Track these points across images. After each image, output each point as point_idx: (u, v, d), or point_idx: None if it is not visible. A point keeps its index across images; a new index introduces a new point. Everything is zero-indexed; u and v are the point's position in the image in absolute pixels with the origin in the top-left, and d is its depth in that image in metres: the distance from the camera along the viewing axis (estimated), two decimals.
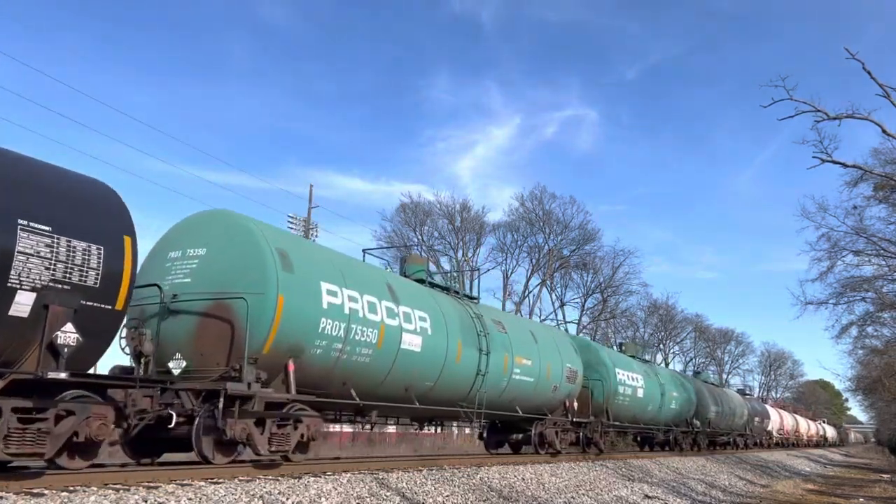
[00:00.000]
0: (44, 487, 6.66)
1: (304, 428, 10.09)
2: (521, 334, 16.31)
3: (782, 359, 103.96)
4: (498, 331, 15.02)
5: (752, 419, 41.52)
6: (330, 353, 10.17)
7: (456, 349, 13.08)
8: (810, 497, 21.33)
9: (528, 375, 15.90)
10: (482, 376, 13.98)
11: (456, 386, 13.36)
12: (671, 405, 26.35)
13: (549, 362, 16.89)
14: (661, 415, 25.52)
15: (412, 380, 12.11)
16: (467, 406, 13.95)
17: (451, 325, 13.16)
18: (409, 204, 47.95)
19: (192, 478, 8.13)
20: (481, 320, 14.43)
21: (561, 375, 17.51)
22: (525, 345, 16.16)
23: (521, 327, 17.12)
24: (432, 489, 10.31)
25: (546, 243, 49.75)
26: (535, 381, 16.25)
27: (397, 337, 11.45)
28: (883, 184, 21.54)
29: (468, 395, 13.90)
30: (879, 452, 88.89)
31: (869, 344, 34.05)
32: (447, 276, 40.66)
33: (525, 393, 16.00)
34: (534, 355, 16.29)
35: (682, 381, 29.48)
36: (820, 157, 15.26)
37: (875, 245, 25.88)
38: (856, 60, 14.39)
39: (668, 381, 26.84)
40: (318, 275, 10.19)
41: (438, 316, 12.91)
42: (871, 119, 14.88)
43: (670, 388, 26.56)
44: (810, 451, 59.90)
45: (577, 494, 13.16)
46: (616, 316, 56.62)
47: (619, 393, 21.10)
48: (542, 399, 16.90)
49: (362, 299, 10.80)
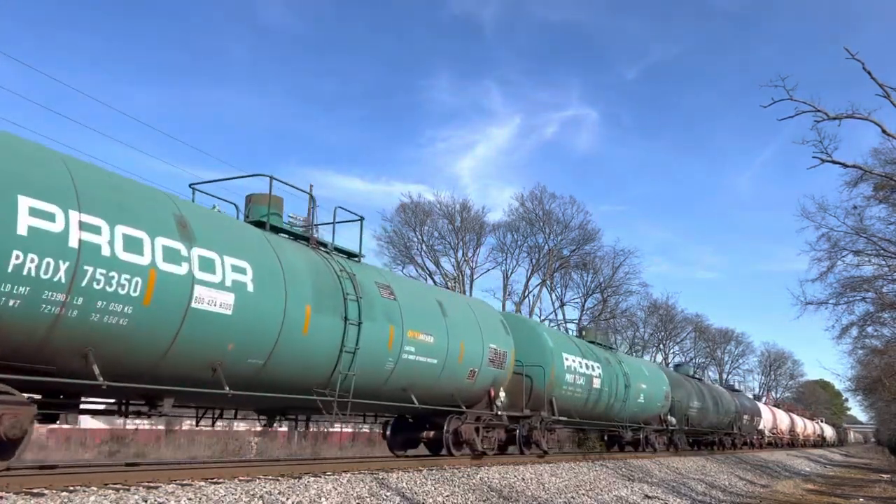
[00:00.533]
0: (44, 487, 6.66)
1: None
2: (419, 303, 12.97)
3: (782, 359, 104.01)
4: (382, 296, 11.76)
5: (740, 417, 38.83)
6: (40, 306, 6.75)
7: (302, 316, 9.75)
8: (810, 497, 21.32)
9: (430, 356, 12.59)
10: (349, 354, 10.62)
11: (305, 366, 10.05)
12: (639, 399, 23.37)
13: (462, 340, 13.62)
14: (627, 410, 22.63)
15: (221, 355, 8.71)
16: (328, 394, 10.62)
17: (293, 283, 9.71)
18: (409, 204, 47.93)
19: (192, 478, 8.14)
20: (353, 280, 11.06)
21: (481, 358, 14.23)
22: (426, 317, 12.81)
23: (422, 295, 13.73)
24: (432, 489, 10.31)
25: (546, 243, 49.74)
26: (441, 364, 12.98)
27: (184, 291, 8.07)
28: (883, 184, 21.55)
29: (330, 380, 10.60)
30: (879, 452, 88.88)
31: (869, 344, 34.07)
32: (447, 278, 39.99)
33: (425, 379, 12.70)
34: (439, 330, 12.97)
35: (655, 373, 26.35)
36: (820, 157, 15.28)
37: (875, 245, 25.90)
38: (856, 60, 14.41)
39: (636, 372, 23.74)
40: (15, 184, 6.71)
41: (271, 269, 9.42)
42: (871, 119, 14.89)
43: (638, 380, 23.40)
44: (810, 451, 59.86)
45: (577, 494, 13.16)
46: (616, 316, 56.58)
47: (567, 382, 17.96)
48: (454, 387, 13.68)
49: (112, 231, 7.39)
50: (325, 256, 11.15)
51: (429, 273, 47.20)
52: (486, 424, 14.85)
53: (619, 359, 23.10)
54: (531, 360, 16.75)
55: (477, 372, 14.15)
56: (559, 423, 18.17)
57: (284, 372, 9.81)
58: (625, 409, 22.32)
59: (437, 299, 13.84)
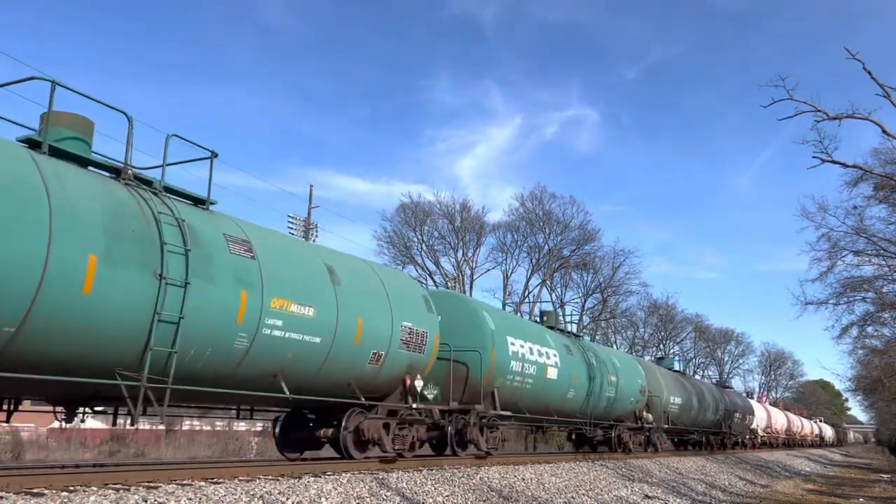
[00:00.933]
0: (44, 487, 6.66)
1: None
2: (293, 265, 10.14)
3: (782, 359, 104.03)
4: (232, 252, 8.98)
5: (730, 415, 36.01)
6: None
7: (82, 268, 7.04)
8: (810, 497, 21.31)
9: (309, 333, 9.86)
10: (170, 325, 7.89)
11: (89, 338, 7.29)
12: (608, 393, 20.69)
13: (360, 316, 10.92)
14: (593, 404, 19.85)
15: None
16: (137, 378, 7.80)
17: (68, 222, 6.99)
18: (409, 204, 47.91)
19: (192, 478, 8.14)
20: (181, 227, 8.28)
21: (390, 339, 11.58)
22: (303, 283, 10.04)
23: (301, 255, 10.68)
24: (432, 489, 10.31)
25: (546, 243, 49.73)
26: (327, 344, 10.23)
27: None
28: (883, 184, 21.55)
29: (142, 359, 7.80)
30: (879, 452, 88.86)
31: (869, 344, 34.09)
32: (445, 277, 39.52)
33: (303, 363, 9.98)
34: (323, 301, 10.22)
35: (629, 365, 23.70)
36: (820, 157, 15.26)
37: (875, 245, 25.91)
38: (856, 60, 14.39)
39: (606, 363, 21.13)
40: None
41: (29, 205, 6.73)
42: (871, 119, 14.88)
43: (607, 371, 20.81)
44: (810, 451, 59.83)
45: (577, 494, 13.16)
46: (616, 316, 56.62)
47: (512, 371, 15.30)
48: (350, 374, 10.99)
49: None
50: (141, 195, 8.23)
51: (429, 273, 47.22)
52: (403, 420, 12.24)
53: (583, 347, 20.38)
54: (466, 345, 14.17)
55: (384, 356, 11.46)
56: (502, 419, 15.37)
57: (54, 346, 7.05)
58: (590, 404, 19.59)
59: (327, 263, 10.89)
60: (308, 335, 9.97)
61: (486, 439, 14.71)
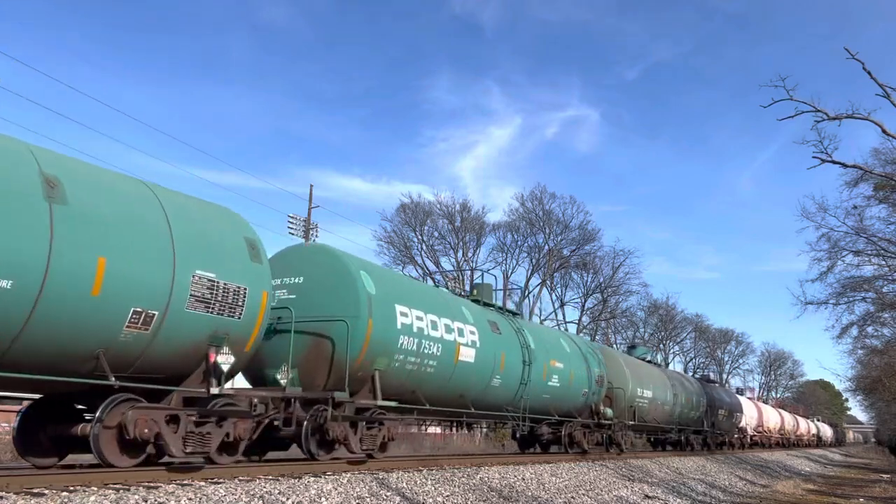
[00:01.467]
0: (44, 487, 6.66)
1: None
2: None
3: (782, 359, 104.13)
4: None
5: (714, 412, 32.56)
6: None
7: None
8: (810, 497, 21.32)
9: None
10: None
11: None
12: (551, 382, 17.07)
13: (104, 256, 7.36)
14: (529, 396, 16.01)
15: None
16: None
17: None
18: (410, 204, 47.97)
19: (192, 478, 8.14)
20: None
21: (169, 294, 8.03)
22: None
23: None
24: (432, 489, 10.31)
25: (546, 243, 49.78)
26: (31, 295, 6.71)
27: None
28: (883, 184, 21.58)
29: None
30: (879, 452, 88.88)
31: (869, 344, 34.11)
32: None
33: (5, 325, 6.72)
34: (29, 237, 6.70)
35: (581, 350, 19.69)
36: (820, 157, 15.27)
37: (875, 245, 25.92)
38: (856, 60, 14.40)
39: (548, 346, 17.34)
40: None
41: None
42: (871, 119, 14.89)
43: (549, 355, 17.08)
44: (810, 451, 59.81)
45: (577, 494, 13.16)
46: (616, 316, 56.64)
47: (402, 349, 11.64)
48: (90, 343, 7.46)
49: None
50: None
51: (429, 273, 47.23)
52: (203, 415, 8.69)
53: (519, 326, 16.55)
54: (331, 311, 10.94)
55: (155, 319, 7.93)
56: (385, 411, 11.68)
57: None
58: (523, 394, 15.67)
59: (45, 171, 7.15)
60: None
61: (362, 438, 11.26)
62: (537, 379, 16.45)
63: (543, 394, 17.06)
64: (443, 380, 13.08)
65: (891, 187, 22.25)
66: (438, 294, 14.78)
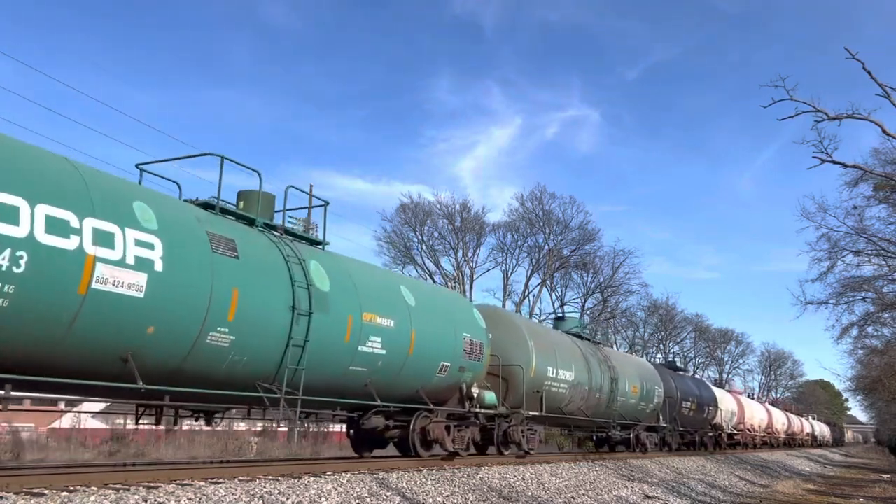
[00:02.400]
0: (44, 487, 6.66)
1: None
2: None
3: (782, 359, 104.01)
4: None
5: (676, 405, 26.95)
6: None
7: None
8: (810, 497, 21.32)
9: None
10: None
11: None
12: (367, 346, 11.19)
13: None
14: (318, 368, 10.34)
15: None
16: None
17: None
18: (409, 204, 47.91)
19: (192, 478, 8.14)
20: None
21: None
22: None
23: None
24: (432, 489, 10.30)
25: (546, 243, 49.72)
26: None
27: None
28: (883, 184, 21.57)
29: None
30: (879, 452, 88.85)
31: (869, 344, 34.11)
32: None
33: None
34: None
35: (443, 305, 13.94)
36: (820, 158, 15.26)
37: (875, 245, 25.91)
38: (856, 60, 14.38)
39: (373, 295, 11.68)
40: None
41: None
42: (871, 119, 14.87)
43: (367, 307, 11.31)
44: (810, 451, 59.77)
45: (577, 494, 13.16)
46: (616, 316, 56.59)
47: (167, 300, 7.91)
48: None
49: None
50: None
51: (429, 273, 47.22)
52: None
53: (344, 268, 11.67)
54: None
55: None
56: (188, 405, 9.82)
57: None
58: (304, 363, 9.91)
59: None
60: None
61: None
62: (332, 337, 10.46)
63: (352, 364, 10.91)
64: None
65: (891, 187, 22.24)
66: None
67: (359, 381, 11.33)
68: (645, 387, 23.69)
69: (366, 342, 11.13)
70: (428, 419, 13.12)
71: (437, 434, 13.15)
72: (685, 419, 28.49)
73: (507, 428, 15.69)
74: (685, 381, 30.43)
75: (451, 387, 13.79)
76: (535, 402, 16.63)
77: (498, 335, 15.77)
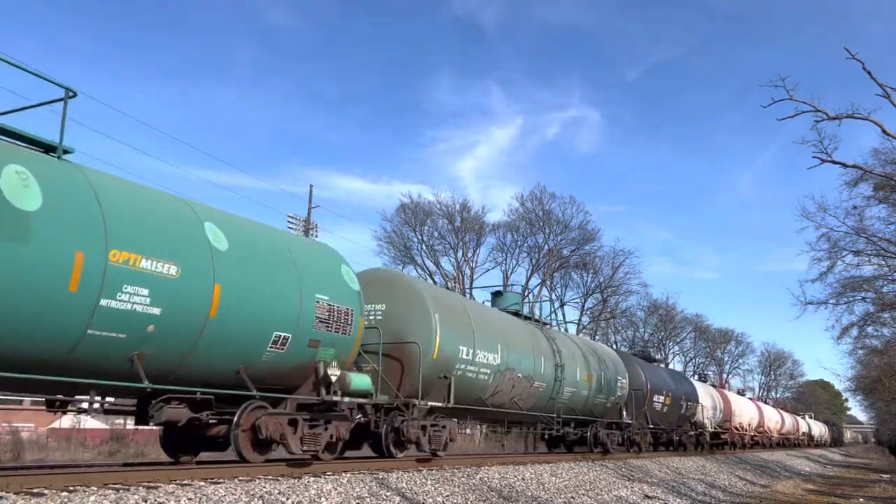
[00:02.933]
0: (44, 487, 6.66)
1: None
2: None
3: (782, 359, 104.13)
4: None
5: (645, 399, 23.05)
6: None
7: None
8: (810, 497, 21.32)
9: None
10: None
11: None
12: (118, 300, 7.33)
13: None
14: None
15: None
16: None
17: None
18: (409, 204, 47.96)
19: (191, 478, 8.13)
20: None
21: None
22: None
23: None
24: (432, 489, 10.31)
25: (546, 243, 49.77)
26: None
27: None
28: (883, 184, 21.60)
29: None
30: (879, 452, 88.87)
31: (869, 344, 34.14)
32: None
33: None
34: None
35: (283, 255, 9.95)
36: (820, 157, 15.28)
37: (875, 245, 25.94)
38: (856, 60, 14.40)
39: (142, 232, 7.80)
40: None
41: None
42: (871, 119, 14.89)
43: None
44: (810, 451, 59.77)
45: (577, 494, 13.16)
46: (616, 316, 56.64)
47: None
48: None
49: None
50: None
51: (429, 273, 47.24)
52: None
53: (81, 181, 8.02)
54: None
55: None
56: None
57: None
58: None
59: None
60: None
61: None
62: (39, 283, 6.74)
63: (91, 327, 7.20)
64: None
65: (891, 187, 22.27)
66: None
67: (116, 354, 7.58)
68: (603, 376, 19.89)
69: (116, 294, 7.33)
70: (262, 411, 9.56)
71: (270, 429, 9.48)
72: (657, 415, 24.64)
73: (401, 423, 12.18)
74: (657, 373, 26.30)
75: (299, 367, 9.99)
76: (442, 392, 12.95)
77: (393, 304, 12.85)
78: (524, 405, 16.14)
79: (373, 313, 12.92)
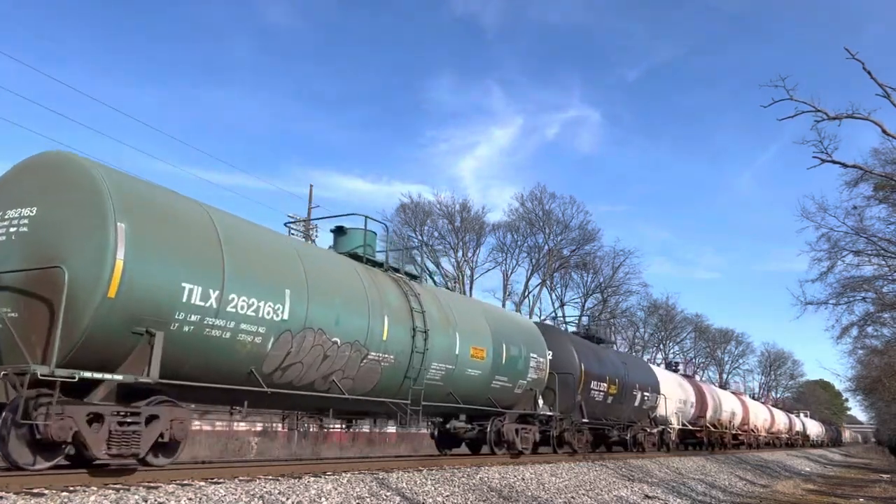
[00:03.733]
0: (44, 487, 6.66)
1: None
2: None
3: (782, 359, 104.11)
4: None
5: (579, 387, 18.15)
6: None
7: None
8: (810, 497, 21.32)
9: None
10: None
11: None
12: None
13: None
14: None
15: None
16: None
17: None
18: (409, 204, 47.95)
19: (192, 478, 8.14)
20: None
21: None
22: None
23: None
24: (432, 489, 10.30)
25: (546, 243, 49.76)
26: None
27: None
28: (883, 184, 21.59)
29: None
30: (879, 452, 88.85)
31: (869, 344, 34.13)
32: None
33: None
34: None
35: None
36: (820, 157, 15.26)
37: (875, 245, 25.93)
38: (856, 60, 14.38)
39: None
40: None
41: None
42: (871, 119, 14.88)
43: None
44: (810, 451, 59.74)
45: (577, 494, 13.15)
46: (616, 316, 56.61)
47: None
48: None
49: None
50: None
51: (429, 273, 47.21)
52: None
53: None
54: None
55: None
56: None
57: None
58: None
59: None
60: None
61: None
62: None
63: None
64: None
65: (891, 187, 22.26)
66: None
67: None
68: (505, 353, 14.91)
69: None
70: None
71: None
72: (599, 407, 19.64)
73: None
74: (600, 355, 20.84)
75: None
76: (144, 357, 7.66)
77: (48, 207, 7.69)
78: (355, 387, 11.01)
79: (8, 222, 7.81)
